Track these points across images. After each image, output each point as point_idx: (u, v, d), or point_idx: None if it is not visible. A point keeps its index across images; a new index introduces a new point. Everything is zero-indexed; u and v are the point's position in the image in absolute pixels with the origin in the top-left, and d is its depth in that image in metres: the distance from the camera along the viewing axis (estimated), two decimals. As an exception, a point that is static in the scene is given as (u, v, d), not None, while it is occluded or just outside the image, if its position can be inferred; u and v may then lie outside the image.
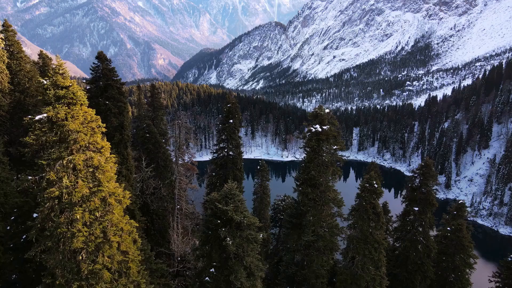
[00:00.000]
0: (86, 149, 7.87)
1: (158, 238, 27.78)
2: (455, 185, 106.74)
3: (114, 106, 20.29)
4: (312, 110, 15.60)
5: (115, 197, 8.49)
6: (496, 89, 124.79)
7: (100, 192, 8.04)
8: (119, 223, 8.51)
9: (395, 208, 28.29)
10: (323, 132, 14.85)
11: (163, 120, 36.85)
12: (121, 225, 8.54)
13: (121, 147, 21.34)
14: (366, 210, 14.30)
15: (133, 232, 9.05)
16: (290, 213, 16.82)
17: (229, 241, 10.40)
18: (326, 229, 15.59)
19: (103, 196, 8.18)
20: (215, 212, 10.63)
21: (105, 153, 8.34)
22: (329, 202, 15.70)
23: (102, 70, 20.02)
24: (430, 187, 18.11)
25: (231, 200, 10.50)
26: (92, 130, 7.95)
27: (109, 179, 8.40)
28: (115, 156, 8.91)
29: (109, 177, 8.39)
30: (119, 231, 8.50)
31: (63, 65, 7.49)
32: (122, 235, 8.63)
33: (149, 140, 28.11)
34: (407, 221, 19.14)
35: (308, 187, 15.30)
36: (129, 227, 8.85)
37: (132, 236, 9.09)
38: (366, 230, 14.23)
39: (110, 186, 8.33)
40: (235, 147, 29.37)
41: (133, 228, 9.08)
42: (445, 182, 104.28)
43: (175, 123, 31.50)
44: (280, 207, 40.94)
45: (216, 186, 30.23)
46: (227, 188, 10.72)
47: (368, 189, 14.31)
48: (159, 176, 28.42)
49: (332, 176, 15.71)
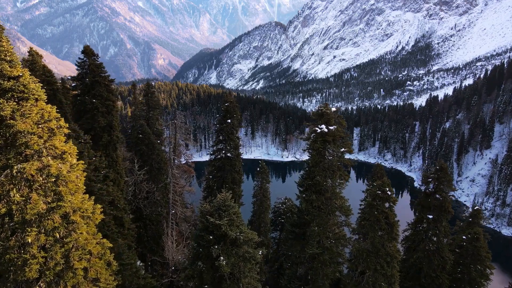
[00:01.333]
0: (42, 155, 6.33)
1: (152, 245, 26.30)
2: (456, 185, 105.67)
3: (102, 105, 18.74)
4: (317, 108, 14.08)
5: (82, 213, 6.95)
6: (497, 88, 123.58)
7: (61, 208, 6.50)
8: (86, 244, 6.96)
9: (397, 210, 26.84)
10: (330, 133, 13.32)
11: (159, 120, 35.29)
12: (89, 247, 6.99)
13: (110, 149, 19.82)
14: (378, 220, 12.77)
15: (106, 254, 7.51)
16: (293, 222, 15.28)
17: (222, 261, 8.88)
18: (333, 240, 14.08)
19: (65, 213, 6.64)
20: (206, 226, 9.11)
21: (68, 160, 6.79)
22: (336, 210, 14.16)
23: (89, 65, 18.45)
24: (445, 192, 16.56)
25: (225, 213, 8.98)
26: (50, 131, 6.40)
27: (74, 191, 6.86)
28: (84, 162, 7.36)
29: (74, 189, 6.85)
30: (87, 254, 6.96)
31: (11, 50, 5.97)
32: (91, 259, 7.09)
33: (142, 141, 26.55)
34: (419, 229, 17.59)
35: (313, 194, 13.77)
36: (100, 248, 7.30)
37: (105, 259, 7.54)
38: (378, 242, 12.70)
39: (75, 200, 6.79)
40: (234, 148, 27.82)
41: (105, 249, 7.54)
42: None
43: (171, 123, 30.02)
44: (281, 210, 39.55)
45: (213, 189, 28.68)
46: (221, 199, 9.20)
47: (380, 196, 12.79)
48: (152, 179, 26.89)
49: (339, 182, 14.19)
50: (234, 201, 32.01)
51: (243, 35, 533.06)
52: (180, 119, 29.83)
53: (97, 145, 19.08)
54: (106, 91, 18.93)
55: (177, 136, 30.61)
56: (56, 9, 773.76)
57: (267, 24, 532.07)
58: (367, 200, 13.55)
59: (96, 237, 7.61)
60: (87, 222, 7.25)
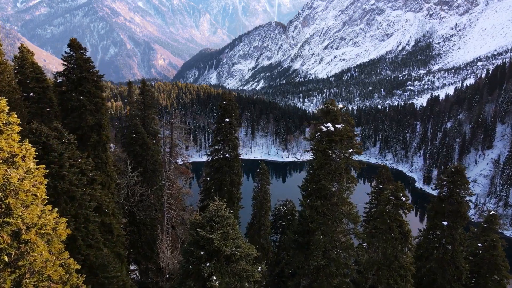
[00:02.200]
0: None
1: (146, 250, 24.99)
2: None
3: (90, 102, 17.39)
4: (322, 106, 12.77)
5: (39, 230, 5.65)
6: (499, 88, 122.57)
7: (10, 225, 5.20)
8: (45, 268, 5.65)
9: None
10: (337, 132, 12.02)
11: (155, 119, 33.95)
12: (48, 272, 5.68)
13: (99, 150, 18.49)
14: (391, 228, 11.48)
15: (71, 278, 6.19)
16: (296, 230, 13.95)
17: (215, 281, 7.58)
18: (340, 250, 12.77)
19: (16, 230, 5.33)
20: (197, 240, 7.82)
21: (21, 164, 5.49)
22: (343, 217, 12.86)
23: (76, 60, 17.19)
24: (462, 197, 15.24)
25: (218, 225, 7.69)
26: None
27: (29, 203, 5.56)
28: (44, 168, 6.05)
29: (29, 200, 5.54)
30: (45, 281, 5.65)
31: None
32: (51, 285, 5.78)
33: (136, 141, 25.20)
34: (433, 237, 16.24)
35: (318, 199, 12.46)
36: (63, 272, 5.99)
37: (72, 283, 6.23)
38: (390, 253, 11.40)
39: (30, 213, 5.48)
40: (232, 149, 26.50)
41: (72, 271, 6.23)
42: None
43: (167, 122, 28.74)
44: (282, 213, 38.38)
45: (211, 192, 27.34)
46: (213, 208, 7.90)
47: (394, 203, 11.49)
48: (147, 181, 25.55)
49: (346, 186, 12.89)
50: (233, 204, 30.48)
51: (243, 35, 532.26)
52: (177, 118, 28.57)
53: (85, 145, 17.82)
54: (94, 88, 17.61)
55: (174, 136, 29.38)
56: (56, 9, 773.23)
57: (267, 24, 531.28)
58: (379, 207, 12.25)
59: (62, 256, 6.29)
60: (47, 240, 5.92)
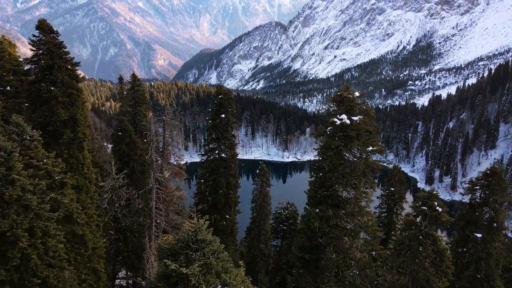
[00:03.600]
0: None
1: (134, 260, 22.53)
2: (461, 186, 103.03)
3: (63, 94, 14.89)
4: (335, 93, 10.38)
5: None
6: (502, 88, 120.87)
7: None
8: None
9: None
10: (353, 126, 9.58)
11: (147, 117, 31.51)
12: None
13: (74, 149, 16.02)
14: (423, 246, 9.04)
15: None
16: (302, 245, 11.45)
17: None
18: (356, 271, 10.35)
19: None
20: (166, 275, 5.45)
21: None
22: (361, 230, 10.43)
23: (45, 44, 14.78)
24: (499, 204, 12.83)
25: (197, 254, 5.30)
26: None
27: None
28: None
29: None
30: None
31: None
32: None
33: (122, 140, 22.67)
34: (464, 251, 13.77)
35: (329, 208, 10.03)
36: None
37: None
38: (422, 277, 8.98)
39: None
40: (229, 148, 24.06)
41: None
42: (451, 184, 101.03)
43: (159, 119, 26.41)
44: (283, 216, 36.24)
45: (206, 195, 24.97)
46: (190, 229, 5.49)
47: (428, 214, 9.05)
48: (134, 184, 23.08)
49: (364, 191, 10.45)
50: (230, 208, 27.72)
51: (243, 35, 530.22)
52: (170, 116, 26.22)
53: (57, 143, 15.43)
54: (68, 77, 15.18)
55: (166, 135, 27.05)
56: (56, 9, 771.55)
57: (267, 24, 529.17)
58: (406, 217, 9.83)
59: None
60: None
